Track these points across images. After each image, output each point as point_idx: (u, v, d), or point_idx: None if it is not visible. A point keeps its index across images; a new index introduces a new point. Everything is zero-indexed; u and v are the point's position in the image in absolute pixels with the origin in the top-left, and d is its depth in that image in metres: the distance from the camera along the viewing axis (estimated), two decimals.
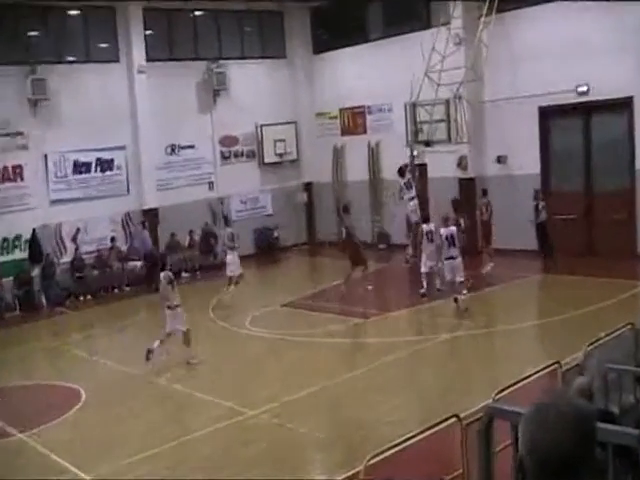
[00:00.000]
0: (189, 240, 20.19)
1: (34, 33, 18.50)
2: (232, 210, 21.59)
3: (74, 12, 19.10)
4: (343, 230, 16.32)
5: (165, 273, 12.14)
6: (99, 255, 18.78)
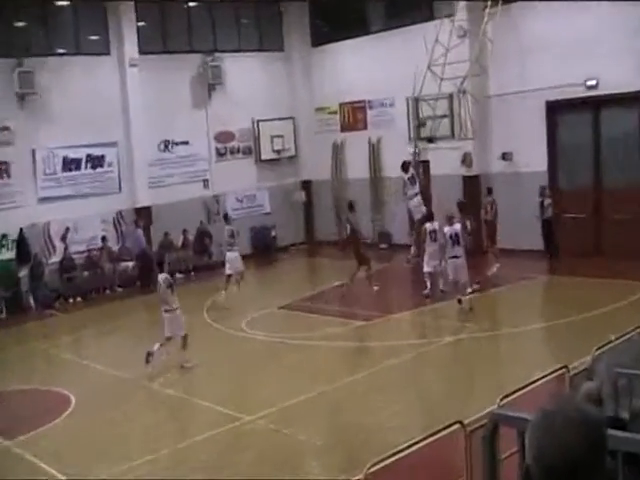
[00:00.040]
0: (183, 240, 20.18)
1: (21, 24, 18.48)
2: (228, 208, 21.57)
3: (63, 2, 19.11)
4: (347, 227, 16.33)
5: (164, 276, 12.12)
6: (89, 255, 18.77)
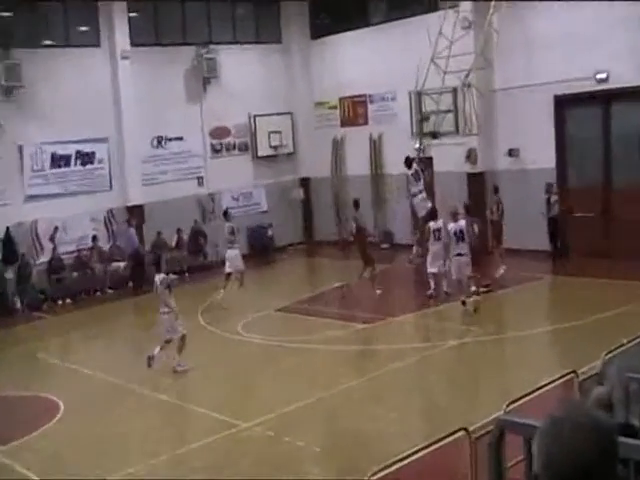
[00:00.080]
0: (177, 239, 20.18)
1: (7, 14, 18.45)
2: (223, 207, 21.54)
3: None
4: (353, 225, 16.34)
5: (162, 276, 12.11)
6: (79, 255, 18.75)
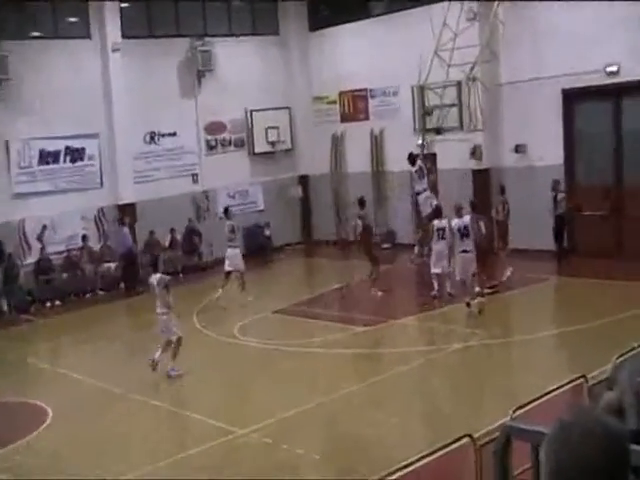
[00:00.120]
0: (170, 239, 20.16)
1: None
2: (218, 205, 21.54)
3: None
4: (359, 224, 16.34)
5: (159, 276, 12.09)
6: (68, 255, 18.73)
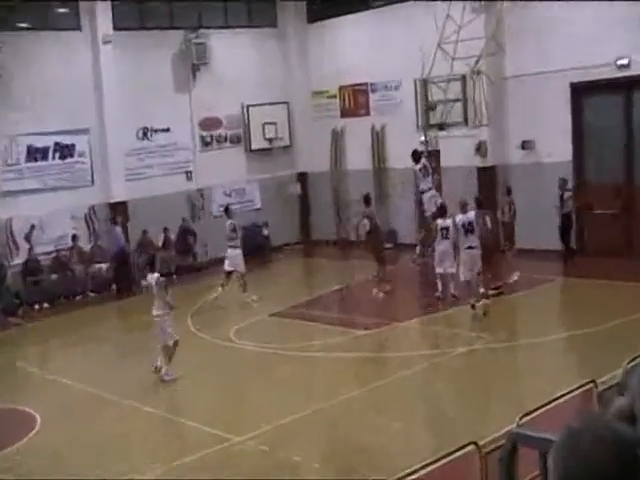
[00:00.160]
0: (164, 238, 20.14)
1: None
2: (214, 204, 21.54)
3: None
4: (366, 223, 16.33)
5: (156, 276, 12.08)
6: (58, 256, 18.70)
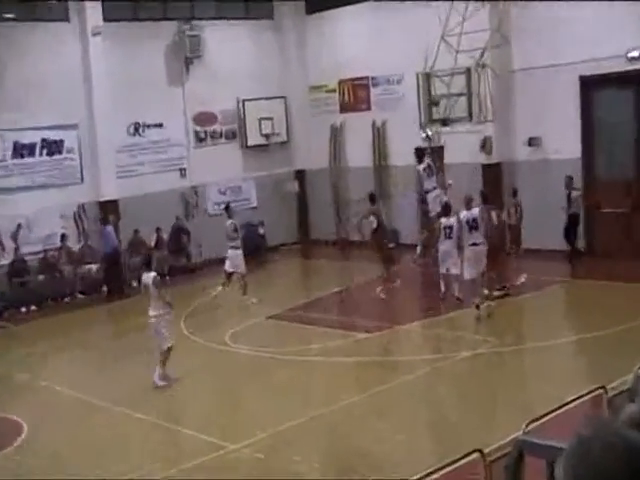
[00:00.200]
0: (156, 238, 20.13)
1: None
2: (208, 202, 21.55)
3: None
4: (374, 221, 16.33)
5: (152, 275, 12.09)
6: (46, 256, 18.69)
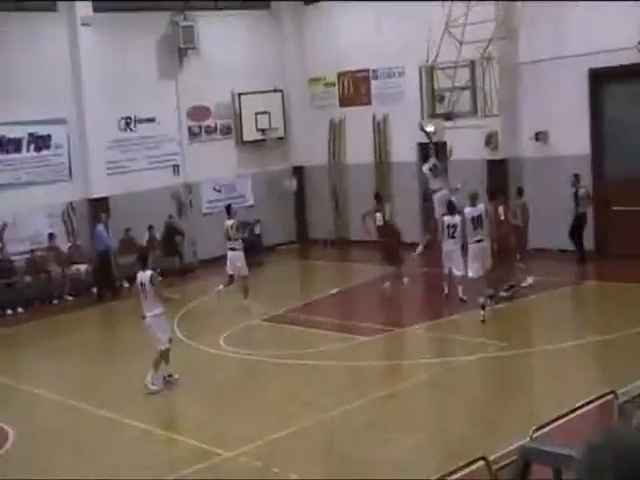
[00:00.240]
0: (148, 237, 20.13)
1: None
2: (203, 200, 21.54)
3: None
4: (381, 219, 16.33)
5: (149, 273, 12.05)
6: (33, 257, 18.68)
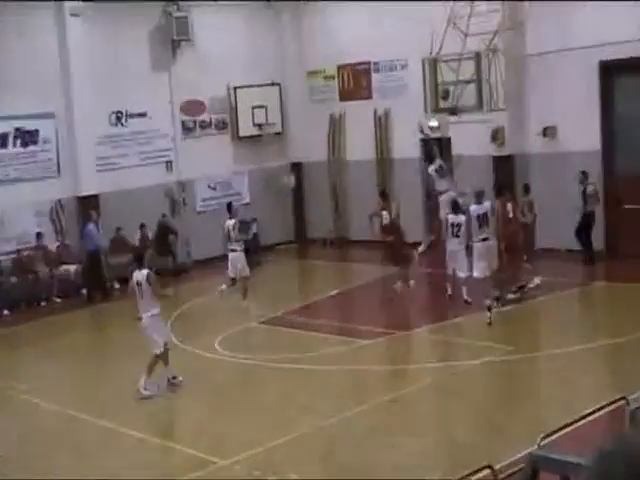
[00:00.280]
0: (140, 237, 20.11)
1: None
2: (197, 198, 21.53)
3: None
4: (385, 217, 16.36)
5: (146, 272, 12.07)
6: (19, 257, 18.67)
